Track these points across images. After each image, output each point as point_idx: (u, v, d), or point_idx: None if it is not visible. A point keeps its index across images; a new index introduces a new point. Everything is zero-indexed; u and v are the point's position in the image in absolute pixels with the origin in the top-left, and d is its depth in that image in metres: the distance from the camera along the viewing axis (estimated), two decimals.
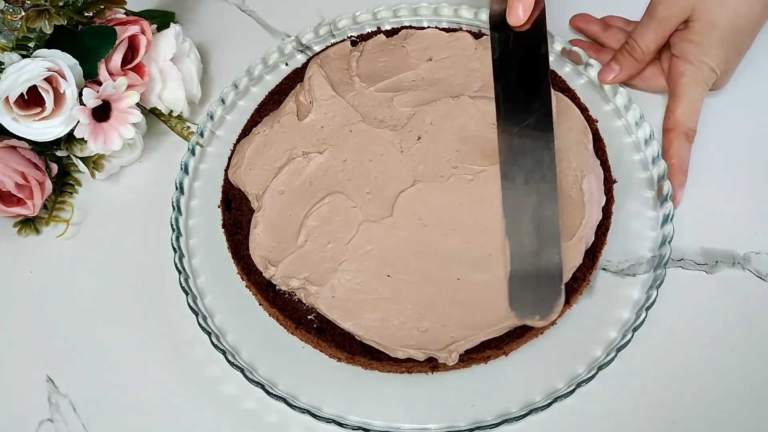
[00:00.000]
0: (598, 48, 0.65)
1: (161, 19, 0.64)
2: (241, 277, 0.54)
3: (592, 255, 0.52)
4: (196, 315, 0.53)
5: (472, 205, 0.52)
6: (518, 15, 0.53)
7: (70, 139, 0.59)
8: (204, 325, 0.52)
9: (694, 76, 0.58)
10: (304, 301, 0.51)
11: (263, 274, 0.52)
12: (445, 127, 0.55)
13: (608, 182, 0.56)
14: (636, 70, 0.60)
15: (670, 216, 0.54)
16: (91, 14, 0.60)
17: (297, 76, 0.62)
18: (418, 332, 0.49)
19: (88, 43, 0.58)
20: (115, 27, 0.58)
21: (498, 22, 0.54)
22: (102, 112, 0.58)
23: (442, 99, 0.56)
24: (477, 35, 0.62)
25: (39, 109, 0.56)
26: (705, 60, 0.57)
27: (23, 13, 0.59)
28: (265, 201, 0.54)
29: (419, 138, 0.55)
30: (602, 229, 0.53)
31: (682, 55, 0.58)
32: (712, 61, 0.57)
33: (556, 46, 0.63)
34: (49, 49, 0.57)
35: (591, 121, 0.58)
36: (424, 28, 0.63)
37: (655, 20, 0.58)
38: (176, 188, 0.58)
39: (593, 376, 0.49)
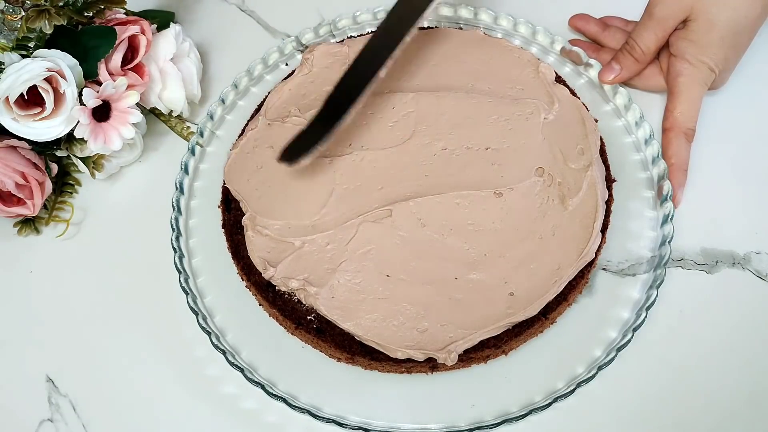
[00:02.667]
0: (597, 48, 0.65)
1: (161, 19, 0.64)
2: (241, 277, 0.54)
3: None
4: (196, 315, 0.53)
5: (467, 206, 0.52)
6: None
7: (70, 139, 0.59)
8: (204, 325, 0.52)
9: (692, 75, 0.58)
10: (304, 302, 0.51)
11: (263, 275, 0.52)
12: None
13: (608, 181, 0.56)
14: (637, 69, 0.60)
15: (670, 216, 0.54)
16: (91, 14, 0.60)
17: None
18: (417, 332, 0.49)
19: (88, 43, 0.58)
20: (115, 27, 0.58)
21: None
22: (102, 112, 0.58)
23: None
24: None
25: (39, 109, 0.56)
26: (703, 59, 0.57)
27: (23, 13, 0.59)
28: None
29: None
30: (602, 228, 0.53)
31: (680, 54, 0.58)
32: (710, 60, 0.57)
33: (555, 46, 0.63)
34: (49, 49, 0.57)
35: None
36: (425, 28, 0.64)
37: (654, 20, 0.58)
38: (176, 188, 0.58)
39: (593, 376, 0.49)
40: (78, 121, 0.56)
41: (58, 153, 0.60)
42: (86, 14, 0.60)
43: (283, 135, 0.55)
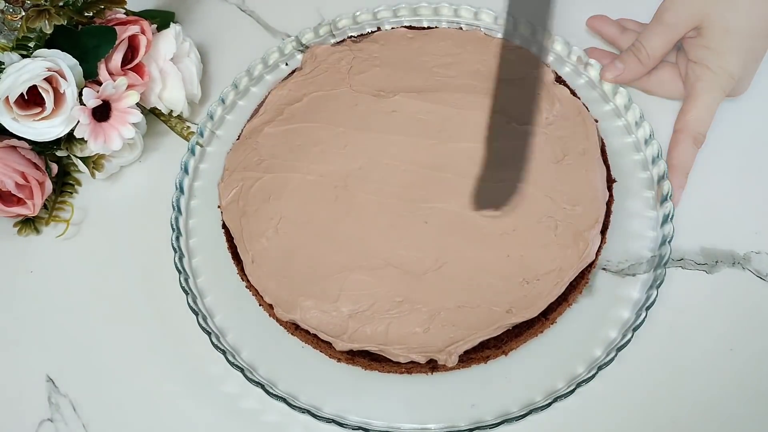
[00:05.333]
0: (613, 56, 0.64)
1: (161, 19, 0.64)
2: (241, 278, 0.54)
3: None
4: (196, 315, 0.53)
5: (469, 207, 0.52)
6: None
7: (70, 139, 0.59)
8: (204, 325, 0.52)
9: (712, 81, 0.57)
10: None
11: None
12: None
13: (608, 181, 0.56)
14: (639, 72, 0.60)
15: (670, 216, 0.54)
16: (91, 14, 0.60)
17: None
18: (418, 335, 0.49)
19: (88, 43, 0.58)
20: (115, 27, 0.58)
21: None
22: (102, 112, 0.58)
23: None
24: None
25: (39, 109, 0.56)
26: (723, 66, 0.57)
27: (23, 13, 0.59)
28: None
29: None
30: (602, 228, 0.53)
31: (700, 61, 0.58)
32: (730, 66, 0.57)
33: (555, 46, 0.63)
34: (49, 49, 0.57)
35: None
36: (425, 28, 0.64)
37: (663, 25, 0.58)
38: (176, 188, 0.58)
39: (593, 376, 0.49)
40: (78, 121, 0.56)
41: (58, 153, 0.60)
42: (86, 14, 0.60)
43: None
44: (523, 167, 0.53)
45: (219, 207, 0.57)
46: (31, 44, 0.58)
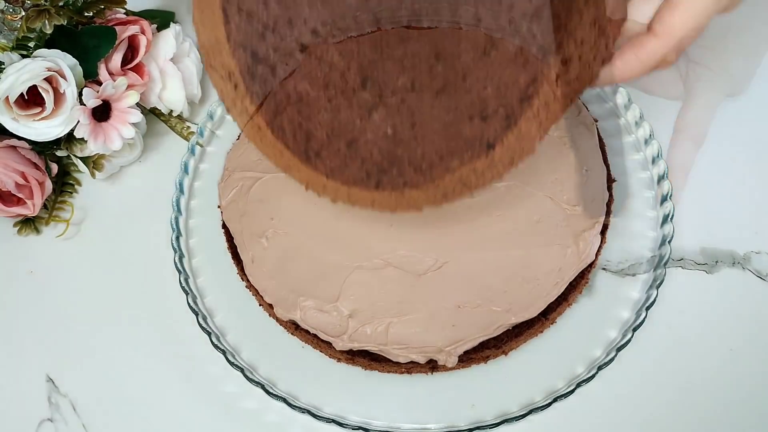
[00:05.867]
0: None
1: (161, 19, 0.64)
2: (241, 277, 0.55)
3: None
4: (196, 315, 0.53)
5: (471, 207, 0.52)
6: None
7: (70, 139, 0.59)
8: (204, 325, 0.52)
9: (711, 80, 0.58)
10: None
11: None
12: None
13: (608, 181, 0.56)
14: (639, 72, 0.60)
15: (670, 216, 0.54)
16: (91, 14, 0.60)
17: None
18: (418, 335, 0.49)
19: (88, 43, 0.58)
20: (115, 27, 0.58)
21: None
22: (102, 112, 0.58)
23: None
24: None
25: (39, 109, 0.56)
26: (723, 66, 0.57)
27: (23, 13, 0.59)
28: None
29: None
30: (602, 228, 0.53)
31: (700, 61, 0.58)
32: (730, 66, 0.57)
33: None
34: (49, 49, 0.57)
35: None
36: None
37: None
38: (176, 188, 0.58)
39: (593, 376, 0.49)
40: (78, 121, 0.56)
41: (58, 153, 0.60)
42: (86, 14, 0.60)
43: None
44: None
45: (219, 207, 0.57)
46: (31, 44, 0.58)
